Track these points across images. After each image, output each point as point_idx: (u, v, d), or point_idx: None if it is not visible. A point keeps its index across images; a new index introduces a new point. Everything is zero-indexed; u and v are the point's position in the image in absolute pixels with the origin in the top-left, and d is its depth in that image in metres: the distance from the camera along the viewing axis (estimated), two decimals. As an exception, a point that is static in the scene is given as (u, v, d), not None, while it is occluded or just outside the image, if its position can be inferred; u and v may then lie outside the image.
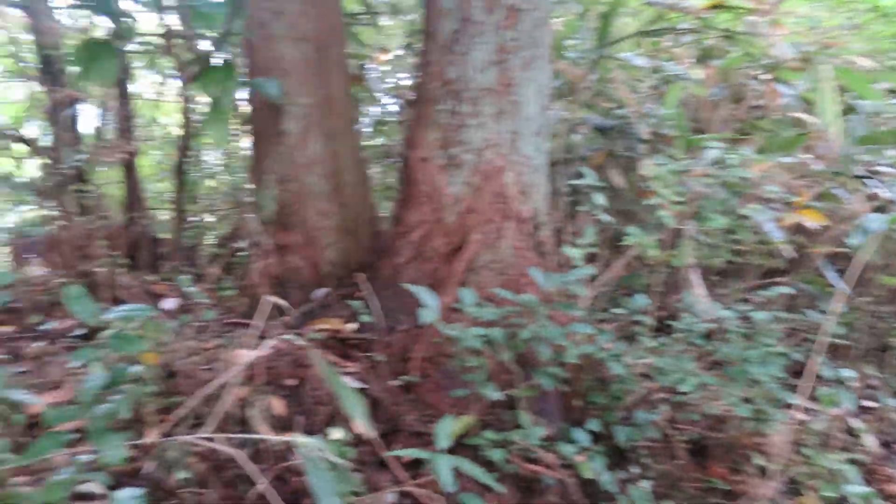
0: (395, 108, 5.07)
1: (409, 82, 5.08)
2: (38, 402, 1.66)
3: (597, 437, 2.40)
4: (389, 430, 2.46)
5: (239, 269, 4.25)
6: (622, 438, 2.45)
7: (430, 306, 2.07)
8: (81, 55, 2.79)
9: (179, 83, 5.34)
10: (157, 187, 7.65)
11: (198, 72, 2.69)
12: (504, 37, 2.82)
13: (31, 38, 8.20)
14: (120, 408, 1.60)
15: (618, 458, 2.45)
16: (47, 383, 2.58)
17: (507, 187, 2.85)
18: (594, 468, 2.26)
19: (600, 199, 2.77)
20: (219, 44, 2.68)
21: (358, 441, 2.30)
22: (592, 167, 3.43)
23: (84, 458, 1.72)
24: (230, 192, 5.71)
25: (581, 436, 2.35)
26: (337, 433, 2.12)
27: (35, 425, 2.28)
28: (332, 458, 1.57)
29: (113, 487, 1.88)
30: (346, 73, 3.43)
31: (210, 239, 5.42)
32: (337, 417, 2.44)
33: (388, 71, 5.17)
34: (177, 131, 6.25)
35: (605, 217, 2.81)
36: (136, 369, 1.98)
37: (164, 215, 6.74)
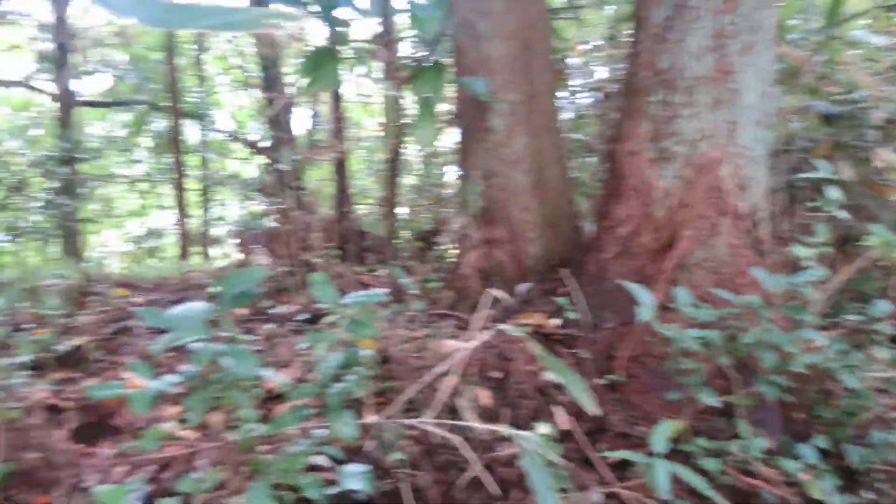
0: (595, 101, 4.98)
1: (607, 74, 4.97)
2: (279, 378, 1.83)
3: (823, 455, 2.18)
4: (594, 429, 2.42)
5: (437, 263, 4.40)
6: (855, 459, 2.21)
7: (645, 304, 2.00)
8: (309, 63, 3.03)
9: (387, 85, 5.65)
10: (360, 184, 8.18)
11: (411, 74, 2.82)
12: (722, 21, 2.65)
13: (253, 50, 9.10)
14: (354, 388, 1.72)
15: (847, 479, 2.22)
16: (278, 361, 2.85)
17: (723, 181, 2.68)
18: (823, 488, 2.06)
19: (834, 193, 2.51)
20: (431, 46, 2.79)
21: (563, 437, 2.28)
22: (817, 158, 3.13)
23: (318, 432, 1.87)
24: (429, 188, 5.94)
25: (807, 452, 2.15)
26: (543, 428, 2.12)
27: (269, 399, 2.53)
28: (549, 454, 1.57)
29: (337, 462, 2.03)
30: (549, 69, 3.43)
31: (408, 233, 5.67)
32: (541, 412, 2.45)
33: (587, 64, 5.09)
34: (383, 132, 6.64)
35: (842, 213, 2.55)
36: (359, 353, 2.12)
37: (367, 210, 7.19)
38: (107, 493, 1.75)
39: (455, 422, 2.12)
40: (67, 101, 11.08)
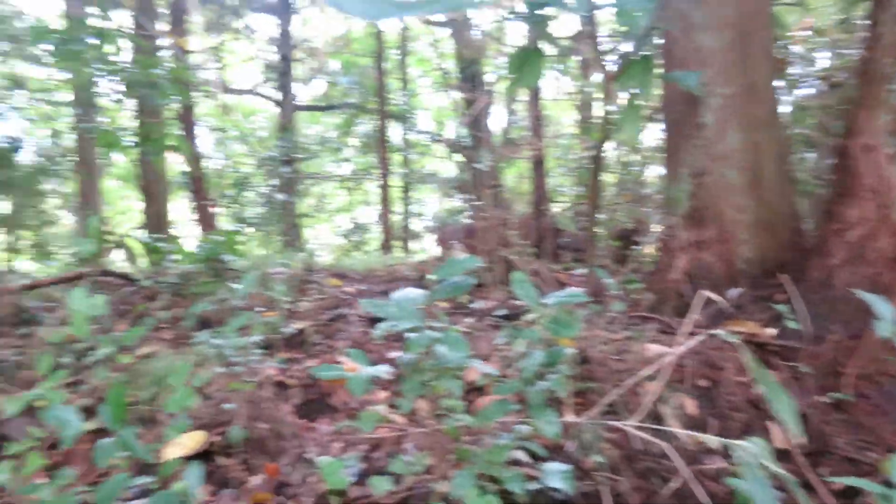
0: (818, 91, 4.54)
1: (834, 62, 4.51)
2: (486, 369, 1.87)
3: None
4: (815, 451, 2.21)
5: (635, 263, 4.27)
6: None
7: (884, 317, 1.79)
8: (515, 63, 3.06)
9: (588, 81, 5.59)
10: (555, 181, 8.15)
11: (618, 69, 2.75)
12: None
13: (454, 52, 9.42)
14: (557, 387, 1.72)
15: None
16: (477, 355, 2.92)
17: (985, 179, 2.33)
18: None
19: None
20: (641, 40, 2.70)
21: (779, 457, 2.11)
22: None
23: (520, 427, 1.90)
24: (629, 187, 5.77)
25: None
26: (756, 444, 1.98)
27: (468, 391, 2.61)
28: (774, 469, 1.45)
29: (535, 459, 2.05)
30: (769, 59, 3.18)
31: (605, 232, 5.55)
32: (753, 427, 2.29)
33: (810, 51, 4.65)
34: (581, 129, 6.58)
35: None
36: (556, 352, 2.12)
37: (562, 208, 7.16)
38: (327, 465, 1.91)
39: (659, 428, 2.04)
40: (288, 106, 12.22)
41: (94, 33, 3.67)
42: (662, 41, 3.32)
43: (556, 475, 1.80)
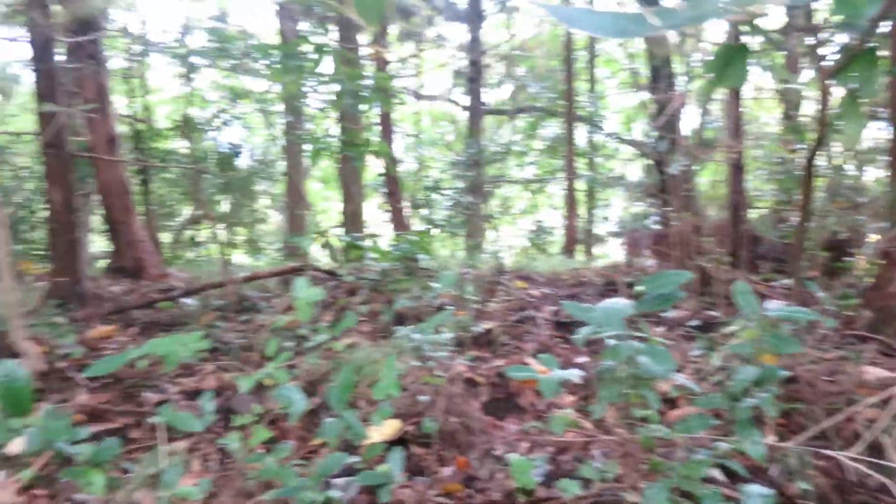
0: None
1: None
2: (688, 383, 1.82)
3: None
4: None
5: (849, 276, 3.90)
6: None
7: None
8: (716, 62, 2.92)
9: (797, 77, 5.17)
10: (753, 185, 7.61)
11: (837, 64, 2.53)
12: None
13: (644, 51, 9.11)
14: (766, 406, 1.62)
15: None
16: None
17: None
18: None
19: None
20: (867, 30, 2.47)
21: None
22: None
23: (720, 444, 1.82)
24: (842, 192, 5.26)
25: None
26: None
27: (664, 402, 2.53)
28: None
29: (731, 479, 1.95)
30: None
31: (812, 242, 5.10)
32: None
33: None
34: (787, 129, 6.10)
35: None
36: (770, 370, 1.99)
37: (761, 214, 6.67)
38: (517, 464, 1.96)
39: (880, 462, 1.86)
40: (476, 111, 12.54)
41: (314, 49, 4.01)
42: (890, 31, 3.00)
43: (756, 498, 1.70)
